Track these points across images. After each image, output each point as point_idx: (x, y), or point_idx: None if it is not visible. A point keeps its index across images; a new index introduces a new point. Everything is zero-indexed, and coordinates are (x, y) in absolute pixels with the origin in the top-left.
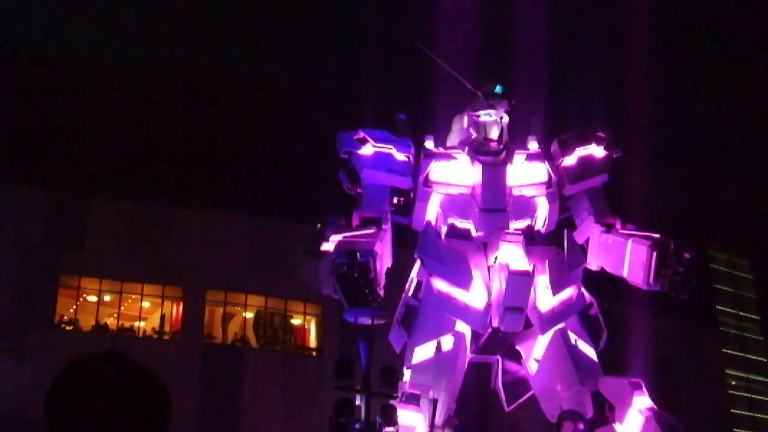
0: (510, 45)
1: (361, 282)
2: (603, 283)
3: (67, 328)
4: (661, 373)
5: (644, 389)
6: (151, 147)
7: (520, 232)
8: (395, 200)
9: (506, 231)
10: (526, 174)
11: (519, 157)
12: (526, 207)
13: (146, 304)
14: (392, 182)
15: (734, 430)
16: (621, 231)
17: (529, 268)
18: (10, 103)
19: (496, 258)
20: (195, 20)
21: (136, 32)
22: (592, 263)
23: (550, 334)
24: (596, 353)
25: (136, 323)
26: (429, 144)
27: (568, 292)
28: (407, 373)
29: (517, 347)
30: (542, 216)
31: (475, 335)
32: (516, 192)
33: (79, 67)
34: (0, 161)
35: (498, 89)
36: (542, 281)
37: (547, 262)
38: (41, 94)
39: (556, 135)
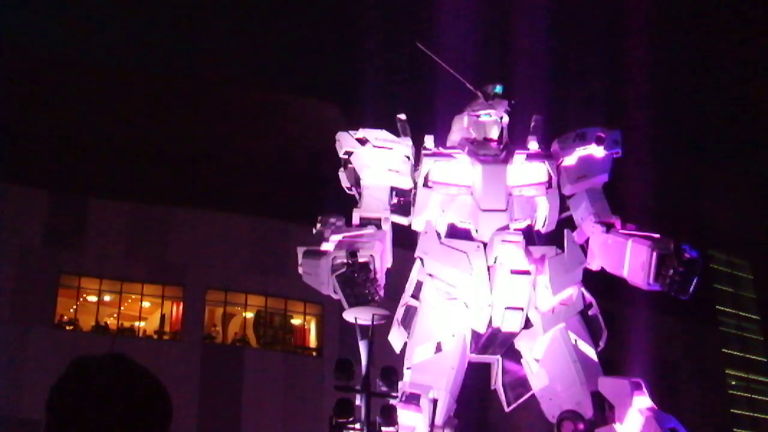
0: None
1: (361, 282)
2: (603, 283)
3: (67, 328)
4: (661, 373)
5: (644, 389)
6: (151, 147)
7: (519, 232)
8: (395, 200)
9: (506, 231)
10: (526, 174)
11: (519, 157)
12: (526, 207)
13: (146, 304)
14: (392, 182)
15: (734, 430)
16: (621, 231)
17: (528, 267)
18: (10, 102)
19: (496, 258)
20: (197, 21)
21: (138, 34)
22: (592, 263)
23: (550, 333)
24: (596, 353)
25: (136, 323)
26: (429, 143)
27: (568, 292)
28: (407, 373)
29: (517, 347)
30: (542, 216)
31: (475, 335)
32: (516, 192)
33: (79, 67)
34: (0, 161)
35: (498, 89)
36: (542, 281)
37: (547, 262)
38: (42, 94)
39: (556, 135)
